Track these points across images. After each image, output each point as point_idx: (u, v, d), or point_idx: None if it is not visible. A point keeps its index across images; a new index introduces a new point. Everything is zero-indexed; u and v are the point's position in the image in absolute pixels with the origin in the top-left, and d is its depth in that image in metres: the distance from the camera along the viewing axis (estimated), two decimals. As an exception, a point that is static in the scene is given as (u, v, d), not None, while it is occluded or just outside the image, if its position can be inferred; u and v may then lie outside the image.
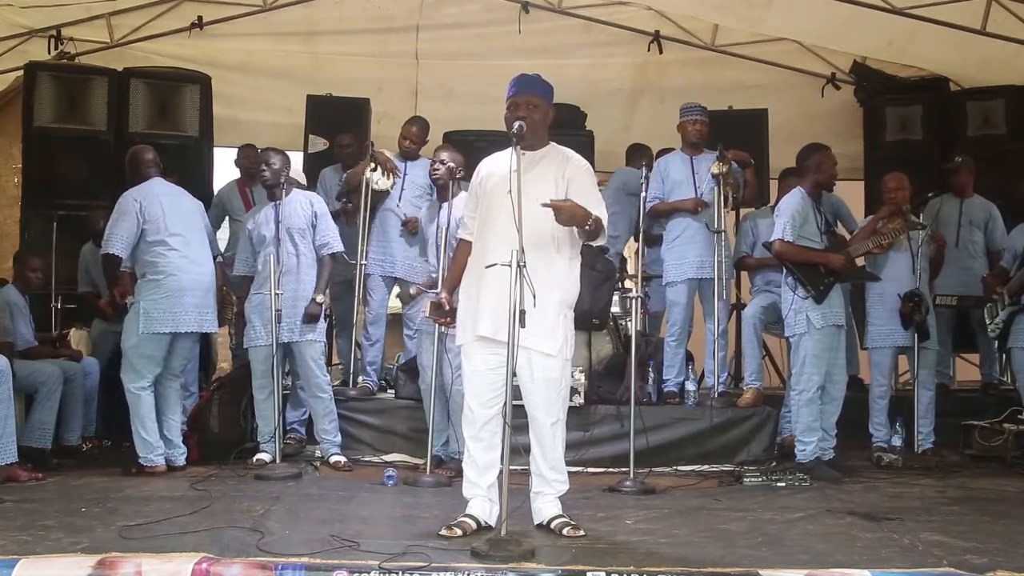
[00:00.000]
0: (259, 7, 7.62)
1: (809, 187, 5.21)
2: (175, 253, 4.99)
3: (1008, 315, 5.46)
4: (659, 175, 5.75)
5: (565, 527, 3.58)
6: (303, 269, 5.18)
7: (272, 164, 5.18)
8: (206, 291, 5.09)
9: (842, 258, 5.12)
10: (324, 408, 5.22)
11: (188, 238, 5.08)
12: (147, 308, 4.91)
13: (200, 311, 5.05)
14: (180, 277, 4.97)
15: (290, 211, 5.19)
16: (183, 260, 5.00)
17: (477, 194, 3.75)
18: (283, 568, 3.00)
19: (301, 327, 5.12)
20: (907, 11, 6.18)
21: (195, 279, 5.04)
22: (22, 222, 6.64)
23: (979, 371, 6.82)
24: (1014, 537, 3.60)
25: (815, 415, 5.06)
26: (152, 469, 4.87)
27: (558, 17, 7.78)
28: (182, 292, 4.97)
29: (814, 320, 5.03)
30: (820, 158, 5.22)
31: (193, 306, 5.00)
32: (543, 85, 3.73)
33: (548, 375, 3.58)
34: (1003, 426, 5.64)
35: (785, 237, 5.09)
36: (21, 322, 5.39)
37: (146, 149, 5.32)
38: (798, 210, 5.13)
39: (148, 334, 4.91)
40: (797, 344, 5.14)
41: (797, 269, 5.09)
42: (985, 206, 6.41)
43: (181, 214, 5.12)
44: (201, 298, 5.05)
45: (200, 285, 5.06)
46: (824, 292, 5.04)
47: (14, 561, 2.98)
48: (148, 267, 4.98)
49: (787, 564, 3.17)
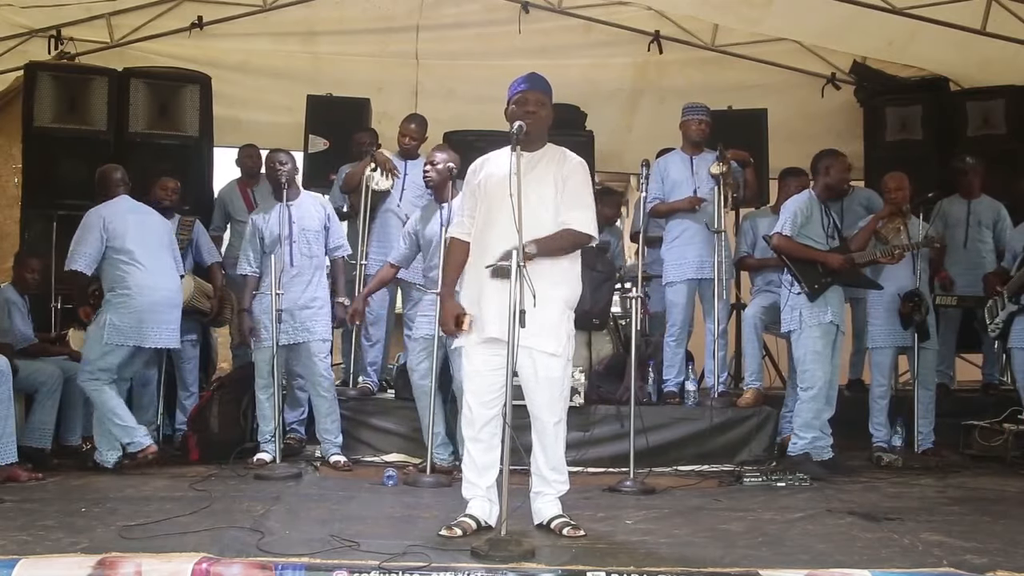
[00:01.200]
0: (259, 7, 7.62)
1: (819, 189, 5.28)
2: (141, 270, 5.02)
3: (1008, 315, 5.47)
4: (658, 175, 5.75)
5: (565, 527, 3.58)
6: (315, 270, 5.23)
7: (286, 164, 5.23)
8: (172, 308, 5.15)
9: (841, 259, 5.12)
10: (327, 408, 5.22)
11: (154, 255, 5.12)
12: (113, 321, 4.95)
13: (167, 328, 5.09)
14: (149, 294, 5.02)
15: (304, 212, 5.23)
16: (149, 277, 5.04)
17: (476, 194, 3.72)
18: (283, 568, 3.00)
19: (311, 326, 5.14)
20: (907, 11, 6.18)
21: (163, 296, 5.09)
22: (22, 222, 6.63)
23: (981, 371, 6.82)
24: (1014, 537, 3.60)
25: (816, 413, 5.07)
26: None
27: (558, 17, 7.78)
28: (149, 308, 5.01)
29: (807, 318, 5.05)
30: (829, 162, 5.29)
31: (160, 323, 5.05)
32: (549, 86, 3.74)
33: (551, 374, 3.59)
34: (1003, 426, 5.64)
35: (784, 231, 5.14)
36: (20, 321, 5.39)
37: (115, 168, 5.38)
38: (802, 208, 5.17)
39: (113, 346, 4.95)
40: (797, 341, 5.15)
41: (794, 265, 5.12)
42: (993, 206, 6.43)
43: (147, 231, 5.16)
44: (167, 315, 5.10)
45: (167, 302, 5.11)
46: (819, 291, 5.05)
47: (14, 561, 2.98)
48: (116, 282, 5.02)
49: (787, 564, 3.17)
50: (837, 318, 5.10)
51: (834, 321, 5.08)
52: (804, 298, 5.07)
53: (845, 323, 5.29)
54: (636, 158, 5.90)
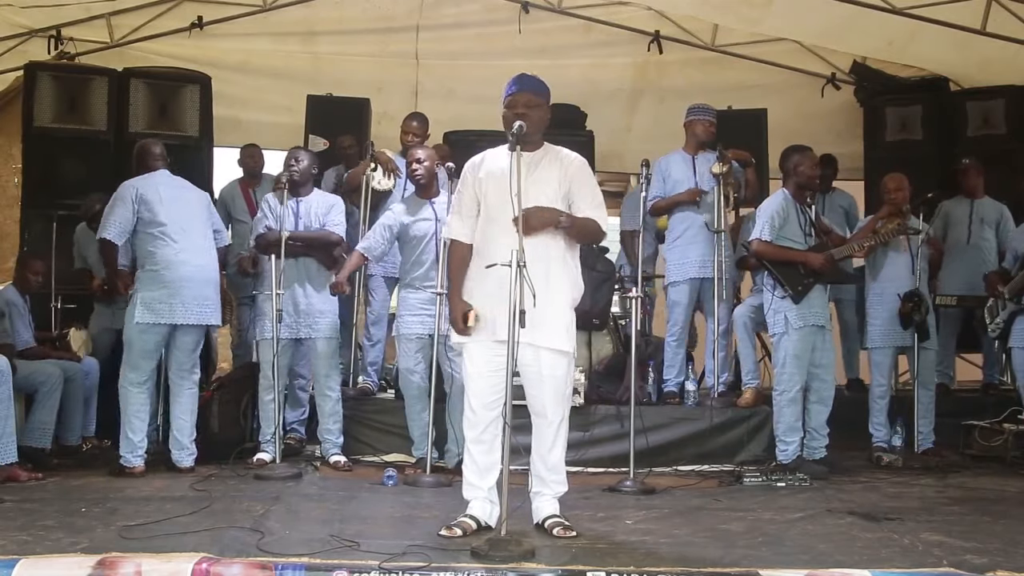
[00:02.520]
0: (259, 7, 7.62)
1: (792, 189, 5.22)
2: (173, 245, 4.94)
3: (1008, 315, 5.47)
4: (660, 174, 5.75)
5: (556, 527, 3.58)
6: (323, 268, 5.21)
7: (302, 161, 5.24)
8: (206, 284, 5.02)
9: (821, 258, 5.10)
10: (331, 407, 5.21)
11: (188, 230, 5.02)
12: (144, 299, 4.87)
13: (200, 304, 4.98)
14: (179, 269, 4.91)
15: (308, 209, 5.23)
16: (182, 252, 4.95)
17: (476, 195, 3.71)
18: (283, 568, 3.00)
19: (318, 324, 5.14)
20: (907, 11, 6.18)
21: (194, 271, 4.96)
22: (22, 222, 6.62)
23: (982, 372, 6.83)
24: (1014, 537, 3.60)
25: (797, 415, 5.06)
26: (131, 470, 4.83)
27: (558, 17, 7.78)
28: (180, 284, 4.90)
29: (792, 320, 5.04)
30: (798, 159, 5.22)
31: (192, 299, 4.94)
32: (541, 86, 3.73)
33: (555, 372, 3.59)
34: (1003, 426, 5.64)
35: (763, 236, 5.11)
36: (20, 323, 5.38)
37: (154, 143, 5.32)
38: (778, 211, 5.14)
39: (145, 325, 4.87)
40: (778, 344, 5.13)
41: (775, 268, 5.10)
42: (996, 206, 6.44)
43: (182, 205, 5.07)
44: (200, 290, 4.98)
45: (199, 277, 4.99)
46: (802, 292, 5.04)
47: (14, 561, 2.98)
48: (147, 258, 4.94)
49: (787, 564, 3.17)
50: (821, 319, 5.09)
51: (817, 323, 5.07)
52: (788, 301, 5.04)
53: (831, 322, 5.27)
54: (636, 158, 5.90)
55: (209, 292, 5.06)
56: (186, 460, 5.01)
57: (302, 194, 5.25)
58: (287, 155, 5.40)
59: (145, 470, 4.88)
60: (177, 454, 5.01)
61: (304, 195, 5.27)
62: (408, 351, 5.08)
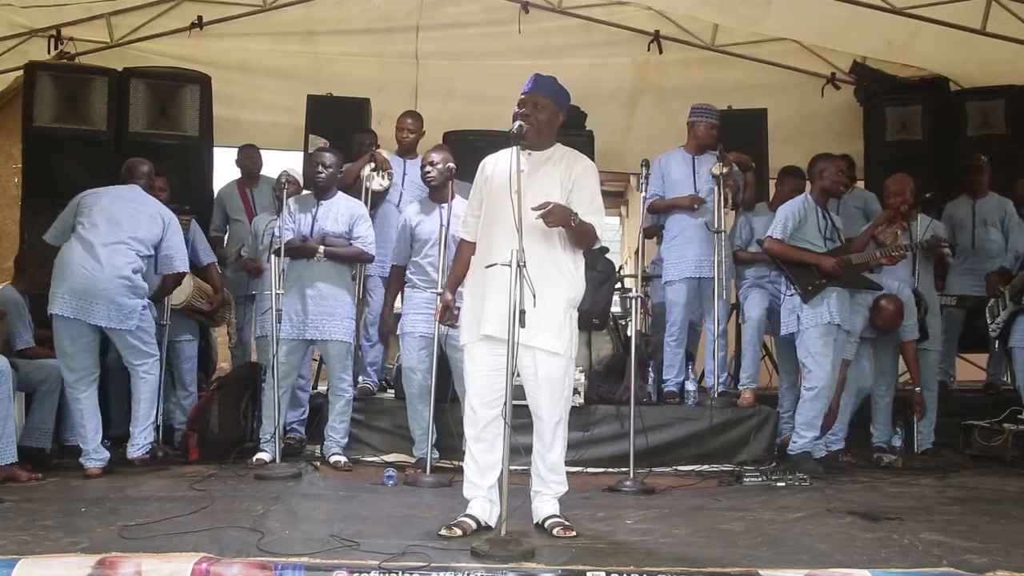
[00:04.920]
0: (259, 7, 7.63)
1: (815, 193, 5.32)
2: (82, 244, 4.83)
3: (1009, 315, 5.47)
4: (659, 172, 5.75)
5: (556, 527, 3.58)
6: (337, 272, 5.18)
7: (329, 167, 5.19)
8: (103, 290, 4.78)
9: (833, 261, 5.13)
10: (341, 407, 5.20)
11: (111, 236, 4.86)
12: (52, 291, 4.81)
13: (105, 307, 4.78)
14: (77, 267, 4.77)
15: (328, 213, 5.17)
16: (89, 251, 4.80)
17: (482, 193, 3.74)
18: (283, 568, 3.00)
19: (330, 327, 5.11)
20: (907, 11, 6.18)
21: (91, 274, 4.77)
22: (22, 222, 6.62)
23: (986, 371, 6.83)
24: (1014, 537, 3.60)
25: (819, 412, 5.07)
26: (88, 471, 4.79)
27: (558, 17, 7.79)
28: (83, 281, 4.76)
29: (804, 320, 5.09)
30: (823, 165, 5.33)
31: (94, 299, 4.77)
32: (555, 89, 3.75)
33: (552, 374, 3.59)
34: (1003, 426, 5.65)
35: (774, 235, 5.21)
36: (19, 323, 5.38)
37: (142, 162, 5.28)
38: (794, 212, 5.21)
39: (55, 317, 4.78)
40: (798, 343, 5.17)
41: (787, 267, 5.18)
42: (1000, 204, 6.44)
43: (119, 213, 4.93)
44: (99, 294, 4.77)
45: (97, 282, 4.77)
46: (812, 292, 5.08)
47: (14, 561, 2.98)
48: (62, 252, 4.89)
49: (787, 564, 3.17)
50: (837, 318, 5.09)
51: (833, 321, 5.08)
52: (799, 299, 5.10)
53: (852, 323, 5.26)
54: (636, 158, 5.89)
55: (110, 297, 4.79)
56: (129, 450, 4.97)
57: (326, 198, 5.21)
58: (311, 157, 5.37)
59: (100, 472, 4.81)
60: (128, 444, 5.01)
61: (328, 199, 5.21)
62: (412, 348, 5.09)
